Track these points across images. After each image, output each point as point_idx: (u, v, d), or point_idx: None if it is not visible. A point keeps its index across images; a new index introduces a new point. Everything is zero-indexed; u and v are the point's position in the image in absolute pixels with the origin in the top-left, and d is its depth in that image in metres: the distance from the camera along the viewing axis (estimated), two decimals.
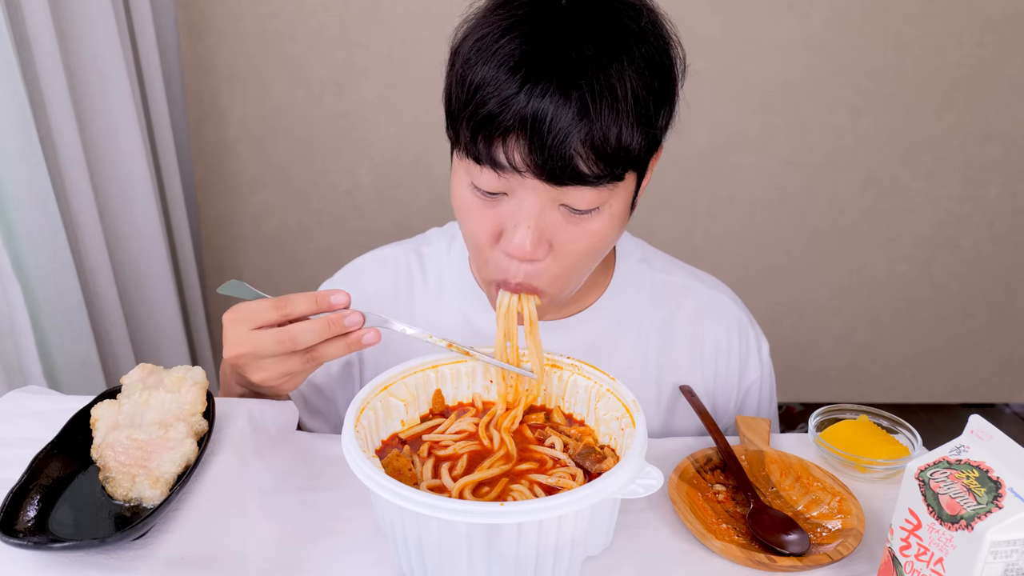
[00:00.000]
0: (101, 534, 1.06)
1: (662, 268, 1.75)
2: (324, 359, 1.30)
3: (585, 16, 1.23)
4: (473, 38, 1.26)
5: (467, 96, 1.24)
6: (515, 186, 1.27)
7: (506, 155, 1.23)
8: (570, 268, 1.38)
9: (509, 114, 1.19)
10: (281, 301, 1.27)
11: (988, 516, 0.91)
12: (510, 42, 1.21)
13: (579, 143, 1.19)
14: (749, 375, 1.76)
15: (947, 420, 4.28)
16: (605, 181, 1.25)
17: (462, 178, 1.34)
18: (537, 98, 1.17)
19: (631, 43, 1.23)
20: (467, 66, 1.25)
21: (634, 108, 1.22)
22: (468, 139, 1.26)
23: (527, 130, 1.19)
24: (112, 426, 1.19)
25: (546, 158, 1.20)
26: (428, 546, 1.09)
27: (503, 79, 1.19)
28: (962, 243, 3.99)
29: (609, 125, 1.20)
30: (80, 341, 2.63)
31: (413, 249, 1.76)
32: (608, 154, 1.22)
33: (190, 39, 3.43)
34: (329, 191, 3.77)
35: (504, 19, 1.24)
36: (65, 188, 2.58)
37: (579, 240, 1.34)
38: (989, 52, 3.59)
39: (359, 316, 1.28)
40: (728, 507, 1.34)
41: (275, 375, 1.30)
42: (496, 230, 1.34)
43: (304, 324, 1.26)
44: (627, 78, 1.21)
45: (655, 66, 1.25)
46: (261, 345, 1.26)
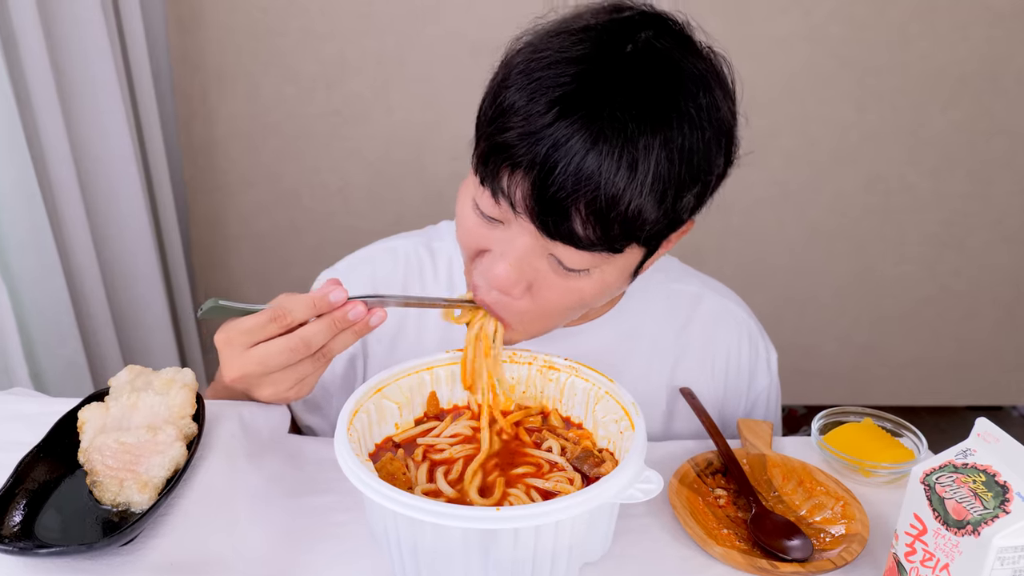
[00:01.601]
0: (88, 540, 1.06)
1: (676, 277, 1.76)
2: (334, 355, 1.29)
3: (640, 74, 1.19)
4: (525, 56, 1.24)
5: (494, 114, 1.23)
6: (510, 219, 1.26)
7: (508, 187, 1.22)
8: (544, 315, 1.39)
9: (524, 149, 1.17)
10: (278, 312, 1.22)
11: (995, 521, 0.91)
12: (555, 76, 1.18)
13: (582, 204, 1.17)
14: (757, 384, 1.77)
15: (953, 423, 4.28)
16: (598, 249, 1.24)
17: (469, 190, 1.34)
18: (557, 142, 1.15)
19: (673, 120, 1.19)
20: (507, 83, 1.23)
21: (652, 186, 1.19)
22: (481, 155, 1.25)
23: (534, 172, 1.17)
24: (99, 429, 1.19)
25: (544, 207, 1.19)
26: (423, 552, 1.09)
27: (533, 111, 1.17)
28: (969, 242, 3.99)
29: (619, 195, 1.17)
30: (67, 342, 2.63)
31: (424, 244, 1.75)
32: (610, 223, 1.20)
33: (179, 35, 3.42)
34: (320, 189, 3.77)
35: (560, 48, 1.21)
36: (51, 187, 2.58)
37: (559, 293, 1.34)
38: (997, 47, 3.59)
39: (362, 306, 1.26)
40: (729, 512, 1.34)
41: (287, 386, 1.27)
42: (480, 248, 1.35)
43: (314, 326, 1.24)
44: (655, 155, 1.17)
45: (694, 151, 1.22)
46: (268, 359, 1.22)
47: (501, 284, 1.30)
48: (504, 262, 1.28)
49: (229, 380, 1.26)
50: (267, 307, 1.24)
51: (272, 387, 1.27)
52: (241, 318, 1.24)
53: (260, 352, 1.22)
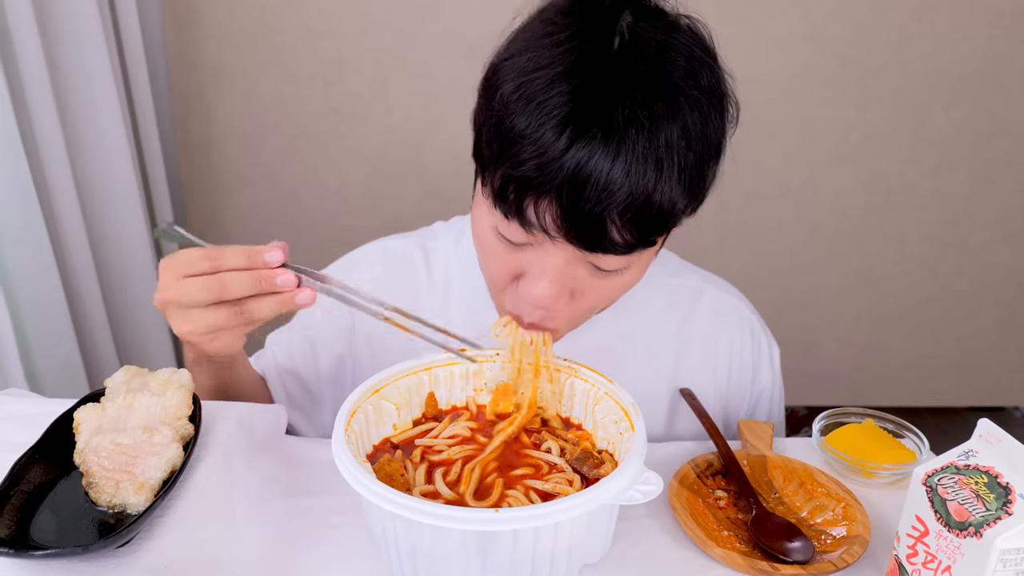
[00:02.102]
0: (84, 541, 1.06)
1: (675, 272, 1.76)
2: (256, 317, 1.27)
3: (639, 69, 1.17)
4: (515, 78, 1.20)
5: (502, 146, 1.20)
6: (542, 240, 1.24)
7: (537, 216, 1.20)
8: (587, 312, 1.40)
9: (547, 177, 1.15)
10: (214, 251, 1.24)
11: (997, 523, 0.91)
12: (558, 96, 1.15)
13: (616, 213, 1.16)
14: (761, 381, 1.77)
15: (955, 424, 4.28)
16: (637, 249, 1.24)
17: (486, 215, 1.31)
18: (580, 162, 1.13)
19: (684, 106, 1.18)
20: (506, 111, 1.19)
21: (680, 175, 1.18)
22: (497, 188, 1.22)
23: (563, 195, 1.15)
24: (95, 430, 1.19)
25: (580, 226, 1.18)
26: (421, 554, 1.09)
27: (546, 137, 1.14)
28: (970, 241, 3.99)
29: (652, 193, 1.16)
30: (63, 343, 2.63)
31: (418, 244, 1.74)
32: (646, 222, 1.20)
33: (175, 32, 3.42)
34: (319, 189, 3.76)
35: (551, 64, 1.17)
36: (47, 186, 2.57)
37: (602, 292, 1.35)
38: (998, 46, 3.59)
39: (292, 276, 1.24)
40: (730, 513, 1.34)
41: (201, 327, 1.26)
42: (516, 272, 1.34)
43: (236, 273, 1.23)
44: (677, 145, 1.17)
45: (708, 130, 1.22)
46: (188, 291, 1.22)
47: (547, 302, 1.30)
48: (544, 280, 1.28)
49: (155, 302, 1.28)
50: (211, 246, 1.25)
51: (187, 323, 1.27)
52: (186, 249, 1.26)
53: (184, 283, 1.23)
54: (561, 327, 1.40)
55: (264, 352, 1.76)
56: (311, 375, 1.72)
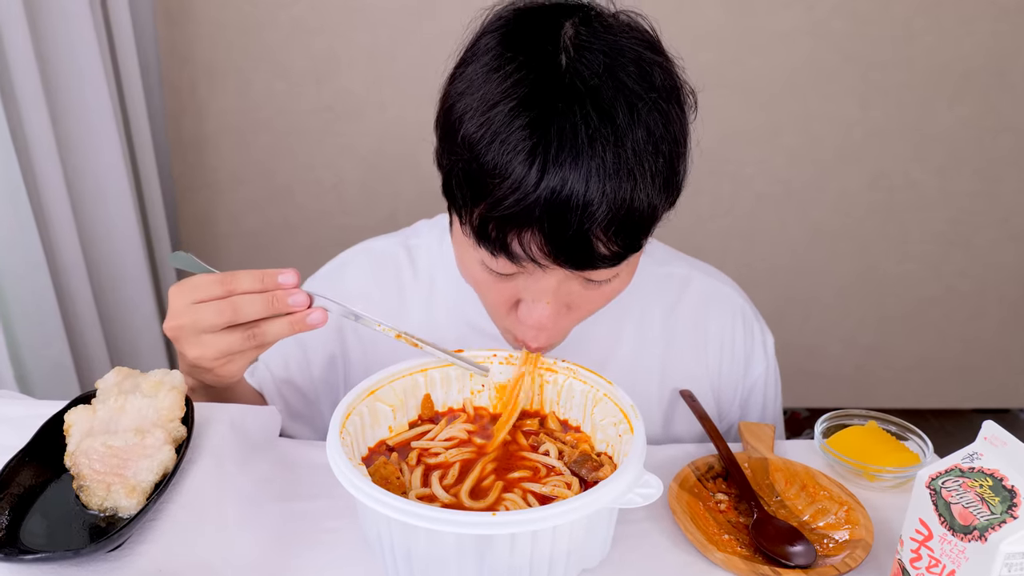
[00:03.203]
0: (75, 545, 1.06)
1: (662, 260, 1.76)
2: (267, 339, 1.28)
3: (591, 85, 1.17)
4: (473, 117, 1.20)
5: (476, 187, 1.20)
6: (532, 267, 1.25)
7: (523, 248, 1.21)
8: (586, 316, 1.42)
9: (525, 212, 1.16)
10: (226, 276, 1.25)
11: (1002, 527, 0.91)
12: (520, 130, 1.15)
13: (599, 229, 1.18)
14: (754, 370, 1.77)
15: (959, 426, 4.29)
16: (626, 257, 1.25)
17: (471, 254, 1.32)
18: (556, 190, 1.14)
19: (643, 111, 1.19)
20: (472, 154, 1.19)
21: (654, 177, 1.20)
22: (478, 227, 1.23)
23: (544, 224, 1.17)
24: (86, 432, 1.19)
25: (567, 249, 1.19)
26: (417, 558, 1.09)
27: (518, 172, 1.15)
28: (975, 240, 3.99)
29: (632, 202, 1.18)
30: (53, 343, 2.63)
31: (401, 243, 1.76)
32: (630, 230, 1.21)
33: (167, 27, 3.42)
34: (313, 186, 3.77)
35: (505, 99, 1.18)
36: (37, 184, 2.57)
37: (598, 300, 1.37)
38: (1003, 41, 3.59)
39: (305, 296, 1.26)
40: (730, 517, 1.34)
41: (213, 352, 1.27)
42: (512, 300, 1.36)
43: (247, 296, 1.25)
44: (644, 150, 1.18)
45: (671, 127, 1.23)
46: (201, 316, 1.24)
47: (547, 324, 1.33)
48: (542, 304, 1.31)
49: (166, 329, 1.29)
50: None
51: (199, 348, 1.28)
52: (197, 276, 1.28)
53: (196, 308, 1.25)
54: (562, 338, 1.43)
55: (258, 366, 1.76)
56: (307, 381, 1.72)
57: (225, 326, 1.25)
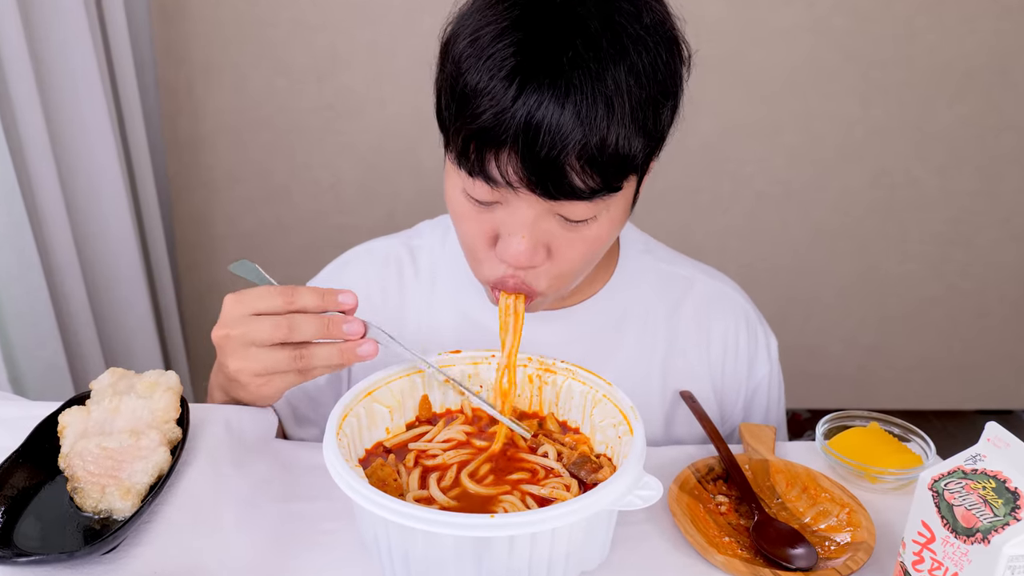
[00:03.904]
0: (69, 548, 1.06)
1: (666, 259, 1.76)
2: (313, 363, 1.28)
3: (580, 15, 1.21)
4: (464, 39, 1.25)
5: (459, 105, 1.24)
6: (509, 197, 1.27)
7: (499, 169, 1.23)
8: (569, 270, 1.40)
9: (502, 128, 1.19)
10: (288, 289, 1.26)
11: (1005, 529, 0.91)
12: (504, 48, 1.19)
13: (573, 157, 1.19)
14: (757, 372, 1.76)
15: (962, 427, 4.29)
16: (601, 194, 1.26)
17: (455, 182, 1.34)
18: (531, 110, 1.17)
19: (629, 46, 1.22)
20: (458, 71, 1.24)
21: (632, 115, 1.21)
22: (459, 149, 1.26)
23: (519, 144, 1.19)
24: (81, 434, 1.19)
25: (540, 173, 1.21)
26: (414, 560, 1.09)
27: (497, 89, 1.19)
28: (977, 240, 3.99)
29: (607, 135, 1.19)
30: (47, 344, 2.63)
31: (403, 243, 1.76)
32: (605, 165, 1.22)
33: (163, 25, 3.42)
34: (311, 186, 3.76)
35: (496, 20, 1.22)
36: (31, 183, 2.57)
37: (576, 246, 1.36)
38: (1005, 40, 3.60)
39: (360, 325, 1.27)
40: (731, 519, 1.34)
41: (258, 367, 1.27)
42: (491, 235, 1.35)
43: (303, 315, 1.25)
44: (625, 84, 1.20)
45: (656, 69, 1.24)
46: (254, 328, 1.24)
47: (523, 259, 1.31)
48: (517, 237, 1.30)
49: (215, 336, 1.29)
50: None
51: (243, 361, 1.28)
52: (258, 287, 1.28)
53: (253, 320, 1.25)
54: (542, 287, 1.40)
55: None
56: (314, 384, 1.72)
57: (277, 342, 1.25)
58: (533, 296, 1.42)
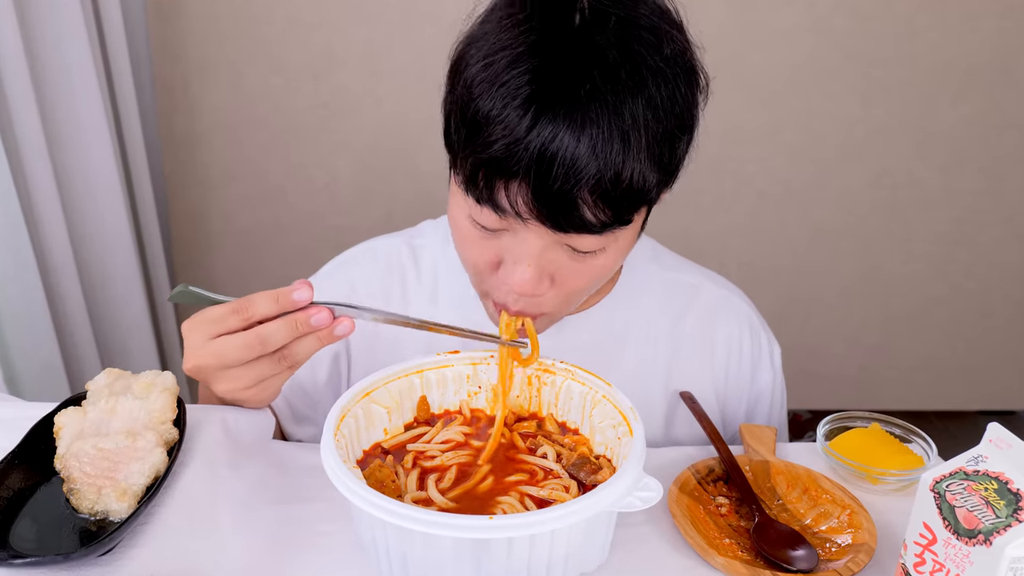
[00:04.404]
0: (65, 549, 1.06)
1: (672, 266, 1.76)
2: (298, 359, 1.27)
3: (599, 44, 1.18)
4: (477, 63, 1.22)
5: (469, 131, 1.22)
6: (517, 226, 1.26)
7: (508, 199, 1.21)
8: (571, 298, 1.41)
9: (514, 158, 1.16)
10: (241, 304, 1.22)
11: (1008, 530, 0.91)
12: (519, 76, 1.16)
13: (586, 191, 1.18)
14: (760, 380, 1.77)
15: (964, 428, 4.29)
16: (612, 228, 1.25)
17: (460, 205, 1.33)
18: (546, 141, 1.14)
19: (648, 78, 1.19)
20: (470, 96, 1.21)
21: (648, 150, 1.20)
22: (468, 175, 1.24)
23: (531, 176, 1.17)
24: (77, 435, 1.19)
25: (551, 206, 1.19)
26: (412, 562, 1.09)
27: (511, 118, 1.16)
28: (980, 239, 3.99)
29: (621, 170, 1.18)
30: (43, 344, 2.63)
31: (405, 242, 1.75)
32: (618, 199, 1.21)
33: (159, 23, 3.41)
34: (307, 185, 3.76)
35: (512, 45, 1.19)
36: (27, 182, 2.57)
37: (582, 275, 1.36)
38: (1007, 38, 3.60)
39: (326, 313, 1.24)
40: (731, 521, 1.34)
41: (245, 383, 1.26)
42: (495, 260, 1.35)
43: (272, 324, 1.22)
44: (642, 118, 1.18)
45: (675, 102, 1.23)
46: (225, 352, 1.22)
47: (527, 289, 1.31)
48: (523, 266, 1.30)
49: (186, 369, 1.27)
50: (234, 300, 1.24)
51: (229, 383, 1.27)
52: (208, 308, 1.24)
53: (218, 344, 1.22)
54: (547, 311, 1.41)
55: None
56: (311, 382, 1.72)
57: (254, 358, 1.24)
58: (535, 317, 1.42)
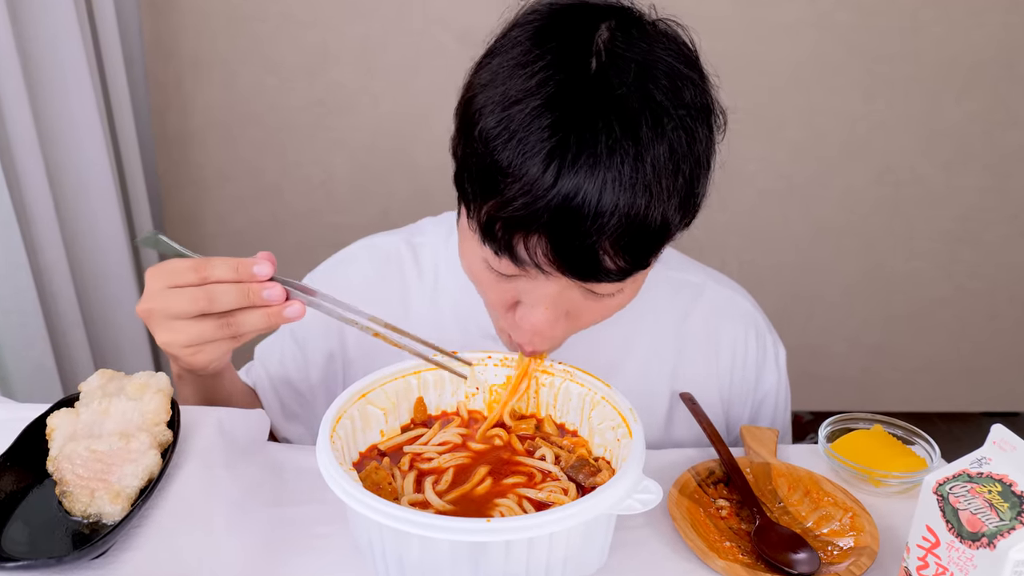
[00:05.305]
0: (58, 552, 1.06)
1: (677, 266, 1.77)
2: (243, 331, 1.27)
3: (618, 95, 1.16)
4: (493, 114, 1.19)
5: (487, 184, 1.20)
6: (534, 272, 1.24)
7: (528, 252, 1.20)
8: (582, 329, 1.41)
9: (535, 214, 1.15)
10: (201, 262, 1.24)
11: (1011, 533, 0.91)
12: (539, 131, 1.14)
13: (607, 242, 1.17)
14: (765, 382, 1.77)
15: (967, 430, 4.29)
16: (631, 273, 1.24)
17: (475, 249, 1.31)
18: (568, 196, 1.13)
19: (668, 127, 1.17)
20: (488, 148, 1.18)
21: (670, 196, 1.18)
22: (484, 224, 1.22)
23: (553, 231, 1.16)
24: (69, 436, 1.19)
25: (572, 259, 1.19)
26: (409, 565, 1.09)
27: (531, 173, 1.14)
28: (985, 238, 3.99)
29: (645, 220, 1.17)
30: (35, 345, 2.63)
31: (405, 239, 1.75)
32: (639, 248, 1.20)
33: (152, 19, 3.41)
34: (302, 183, 3.76)
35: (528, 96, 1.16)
36: (19, 180, 2.57)
37: (598, 313, 1.36)
38: (1014, 33, 3.59)
39: (279, 290, 1.25)
40: (732, 524, 1.34)
41: (184, 339, 1.27)
42: (511, 301, 1.35)
43: (224, 286, 1.23)
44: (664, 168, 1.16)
45: (695, 145, 1.21)
46: (173, 302, 1.23)
47: (544, 331, 1.32)
48: (540, 308, 1.30)
49: (139, 310, 1.28)
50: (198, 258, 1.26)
51: (170, 334, 1.27)
52: (173, 259, 1.26)
53: (169, 293, 1.24)
54: (560, 342, 1.41)
55: (254, 364, 1.76)
56: (304, 380, 1.72)
57: (198, 314, 1.24)
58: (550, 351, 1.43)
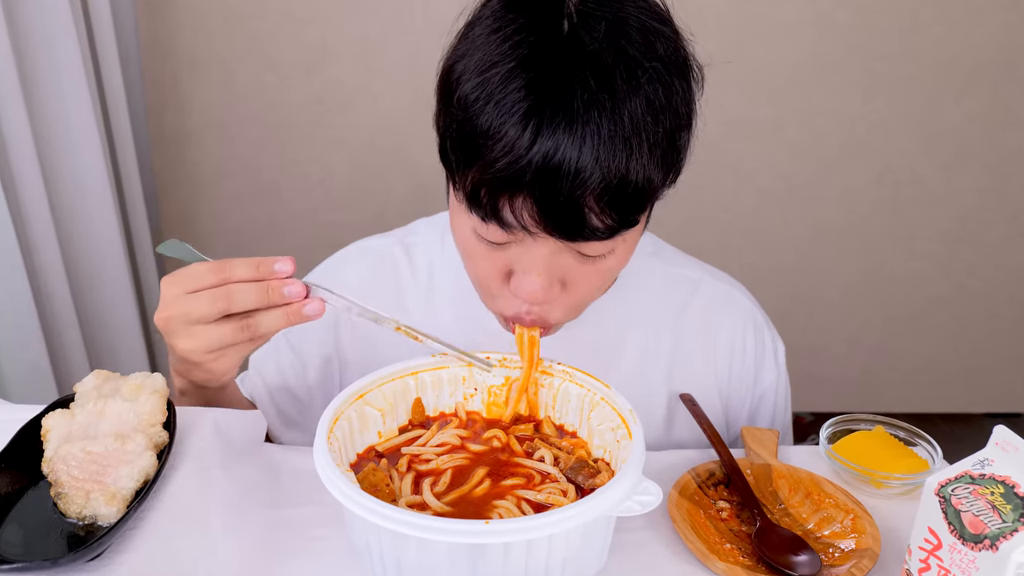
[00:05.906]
0: (53, 555, 1.06)
1: (673, 261, 1.77)
2: (261, 331, 1.27)
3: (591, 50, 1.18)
4: (471, 80, 1.21)
5: (469, 150, 1.21)
6: (523, 236, 1.26)
7: (514, 214, 1.21)
8: (585, 300, 1.42)
9: (518, 174, 1.16)
10: (221, 264, 1.24)
11: (1014, 535, 0.91)
12: (515, 91, 1.16)
13: (592, 199, 1.18)
14: (764, 378, 1.76)
15: (969, 431, 4.28)
16: (619, 232, 1.25)
17: (463, 221, 1.32)
18: (548, 154, 1.15)
19: (643, 79, 1.19)
20: (467, 114, 1.20)
21: (651, 151, 1.20)
22: (470, 192, 1.24)
23: (536, 190, 1.17)
24: (64, 438, 1.19)
25: (557, 217, 1.20)
26: (407, 567, 1.09)
27: (511, 134, 1.16)
28: (985, 238, 4.00)
29: (626, 174, 1.18)
30: (30, 345, 2.62)
31: (398, 241, 1.75)
32: (624, 203, 1.21)
33: (148, 18, 3.41)
34: (300, 182, 3.76)
35: (503, 60, 1.19)
36: (14, 180, 2.57)
37: (592, 278, 1.36)
38: (1013, 33, 3.60)
39: (301, 286, 1.26)
40: (732, 525, 1.34)
41: (205, 344, 1.26)
42: (504, 271, 1.35)
43: (244, 284, 1.24)
44: (642, 121, 1.18)
45: (672, 99, 1.23)
46: (193, 306, 1.23)
47: (540, 296, 1.31)
48: (533, 275, 1.30)
49: (157, 320, 1.28)
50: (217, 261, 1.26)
51: (190, 340, 1.27)
52: (191, 264, 1.26)
53: (188, 298, 1.24)
54: (559, 318, 1.41)
55: (249, 374, 1.75)
56: (302, 386, 1.72)
57: (218, 316, 1.24)
58: (548, 327, 1.42)
